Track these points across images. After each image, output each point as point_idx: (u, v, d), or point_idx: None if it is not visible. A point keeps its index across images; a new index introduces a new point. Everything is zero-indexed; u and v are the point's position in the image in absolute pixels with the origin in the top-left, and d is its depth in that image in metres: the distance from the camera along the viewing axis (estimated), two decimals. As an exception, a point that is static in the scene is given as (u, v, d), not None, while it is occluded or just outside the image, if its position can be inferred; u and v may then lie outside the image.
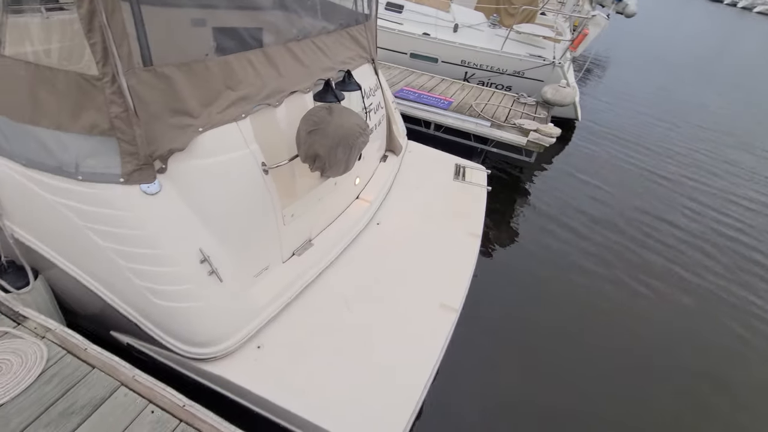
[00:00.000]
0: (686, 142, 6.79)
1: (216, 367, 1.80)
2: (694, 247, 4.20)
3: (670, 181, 5.45)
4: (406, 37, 6.48)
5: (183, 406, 1.41)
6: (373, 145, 3.22)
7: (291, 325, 2.06)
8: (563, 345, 2.99)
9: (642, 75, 11.61)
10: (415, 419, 1.84)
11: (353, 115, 1.98)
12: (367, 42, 3.11)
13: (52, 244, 1.78)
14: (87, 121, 1.54)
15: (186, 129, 1.68)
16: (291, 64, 2.22)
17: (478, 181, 3.63)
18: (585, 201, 4.69)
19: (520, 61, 6.03)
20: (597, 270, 3.75)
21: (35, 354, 1.50)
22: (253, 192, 1.98)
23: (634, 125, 7.30)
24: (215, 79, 1.77)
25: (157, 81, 1.55)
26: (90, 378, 1.46)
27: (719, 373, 2.93)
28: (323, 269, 2.42)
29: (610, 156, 5.98)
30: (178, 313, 1.73)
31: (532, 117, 4.87)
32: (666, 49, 16.76)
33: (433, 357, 2.05)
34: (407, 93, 5.06)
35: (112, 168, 1.59)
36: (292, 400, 1.71)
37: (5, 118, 1.65)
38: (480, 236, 3.00)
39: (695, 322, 3.34)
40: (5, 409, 1.34)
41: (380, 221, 3.00)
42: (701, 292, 3.66)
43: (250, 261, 2.05)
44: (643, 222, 4.47)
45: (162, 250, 1.67)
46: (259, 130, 2.00)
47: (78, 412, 1.36)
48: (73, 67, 1.50)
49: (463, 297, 2.47)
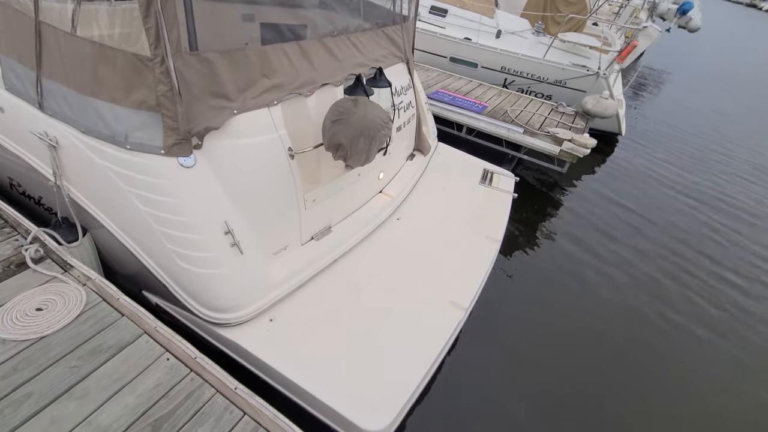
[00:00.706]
0: (739, 173, 6.29)
1: (230, 332, 1.94)
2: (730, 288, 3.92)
3: (704, 210, 5.08)
4: (446, 40, 6.52)
5: (195, 357, 1.56)
6: (400, 143, 3.30)
7: (304, 303, 2.17)
8: (552, 353, 2.92)
9: (699, 94, 10.93)
10: (414, 405, 1.90)
11: (377, 108, 2.07)
12: (403, 42, 3.20)
13: (99, 205, 2.00)
14: (138, 97, 1.73)
15: (222, 110, 1.84)
16: (325, 58, 2.35)
17: (505, 188, 3.62)
18: (613, 223, 4.51)
19: (563, 70, 5.90)
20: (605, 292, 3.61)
21: (76, 298, 1.71)
22: (279, 174, 2.12)
23: (682, 148, 6.89)
24: (252, 67, 1.92)
25: (201, 65, 1.72)
26: (119, 324, 1.65)
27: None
28: (340, 256, 2.52)
29: (651, 178, 5.69)
30: (200, 277, 1.89)
31: (568, 127, 4.77)
32: (730, 66, 15.66)
33: (437, 349, 2.09)
34: (442, 95, 5.10)
35: (155, 141, 1.77)
36: (295, 372, 1.81)
37: (72, 89, 1.88)
38: (499, 241, 3.00)
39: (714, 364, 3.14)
40: (48, 339, 1.55)
41: (401, 217, 3.06)
42: (726, 330, 3.40)
43: (270, 239, 2.19)
44: (665, 251, 4.21)
45: (191, 218, 1.83)
46: (289, 117, 2.14)
47: (106, 351, 1.54)
48: (131, 48, 1.69)
49: (473, 297, 2.49)
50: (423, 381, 1.98)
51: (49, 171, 2.04)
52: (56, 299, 1.69)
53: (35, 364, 1.45)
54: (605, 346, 3.05)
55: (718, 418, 2.68)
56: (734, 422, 2.67)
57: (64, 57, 1.86)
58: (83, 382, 1.42)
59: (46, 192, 2.20)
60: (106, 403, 1.38)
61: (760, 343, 3.32)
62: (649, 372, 2.91)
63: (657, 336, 3.21)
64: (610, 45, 6.21)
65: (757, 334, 3.39)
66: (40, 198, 2.41)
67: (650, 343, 3.14)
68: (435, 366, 2.10)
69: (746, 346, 3.25)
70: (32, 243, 1.93)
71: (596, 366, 2.88)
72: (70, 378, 1.43)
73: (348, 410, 1.71)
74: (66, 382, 1.42)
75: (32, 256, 1.85)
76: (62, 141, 1.96)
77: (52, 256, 1.91)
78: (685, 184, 5.73)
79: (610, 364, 2.91)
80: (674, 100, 9.97)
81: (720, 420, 2.67)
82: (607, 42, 6.32)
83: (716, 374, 2.99)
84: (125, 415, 1.36)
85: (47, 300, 1.68)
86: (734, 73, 14.68)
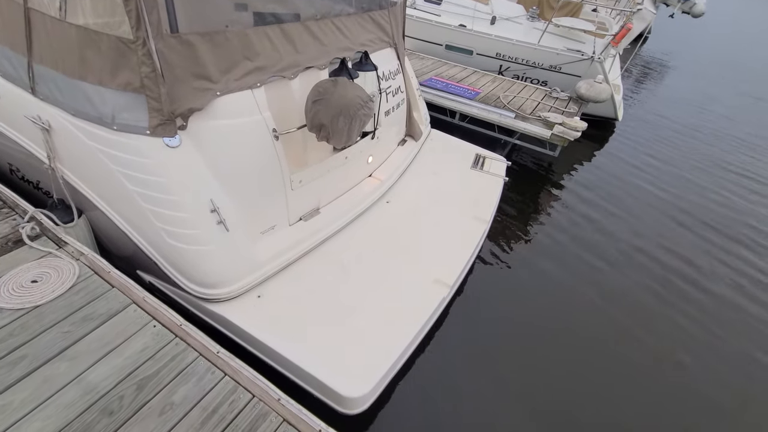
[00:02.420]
0: (735, 168, 6.16)
1: (219, 307, 2.02)
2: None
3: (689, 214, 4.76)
4: (441, 28, 6.52)
5: (180, 325, 1.65)
6: (390, 128, 3.35)
7: (292, 281, 2.25)
8: (526, 338, 2.95)
9: (700, 81, 10.79)
10: (396, 376, 1.97)
11: (356, 88, 2.12)
12: (391, 27, 3.23)
13: (91, 186, 2.08)
14: (123, 79, 1.80)
15: (205, 92, 1.91)
16: (308, 41, 2.40)
17: (497, 172, 3.66)
18: (606, 208, 4.51)
19: (557, 55, 5.88)
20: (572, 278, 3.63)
21: (69, 271, 1.80)
22: (264, 155, 2.19)
23: (676, 137, 6.80)
24: (234, 49, 1.99)
25: (182, 47, 1.78)
26: (109, 294, 1.74)
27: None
28: (328, 236, 2.59)
29: (647, 164, 5.66)
30: (188, 254, 1.97)
31: (561, 111, 4.78)
32: (734, 52, 15.39)
33: (419, 323, 2.16)
34: (435, 82, 5.13)
35: (141, 121, 1.84)
36: (280, 343, 1.89)
37: (61, 73, 1.95)
38: (487, 222, 3.06)
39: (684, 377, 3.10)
40: (42, 308, 1.65)
41: (390, 200, 3.13)
42: (693, 343, 3.11)
43: (257, 218, 2.26)
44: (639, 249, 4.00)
45: (177, 197, 1.91)
46: (273, 99, 2.20)
47: (96, 318, 1.63)
48: (114, 32, 1.76)
49: (458, 275, 2.55)
50: (404, 353, 2.06)
51: (43, 154, 2.13)
52: (50, 272, 1.78)
53: (30, 330, 1.55)
54: (583, 332, 3.10)
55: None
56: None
57: (53, 42, 1.94)
58: (74, 346, 1.52)
59: (43, 176, 2.30)
60: (95, 365, 1.47)
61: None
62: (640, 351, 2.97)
63: (636, 318, 3.26)
64: (606, 29, 6.17)
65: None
66: (38, 182, 2.50)
67: (630, 329, 3.19)
68: (417, 339, 2.18)
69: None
70: (29, 222, 2.02)
71: (587, 346, 2.94)
72: (62, 342, 1.53)
73: (329, 378, 1.80)
74: (58, 345, 1.52)
75: (29, 234, 1.95)
76: (54, 124, 2.04)
77: (47, 234, 2.01)
78: (677, 171, 5.71)
79: (598, 344, 2.97)
80: (674, 88, 9.86)
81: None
82: (603, 26, 6.28)
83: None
84: (113, 374, 1.45)
85: (42, 273, 1.78)
86: (740, 61, 14.42)
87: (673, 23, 19.61)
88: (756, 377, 2.88)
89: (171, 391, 1.43)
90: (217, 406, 1.42)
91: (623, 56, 8.19)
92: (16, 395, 1.35)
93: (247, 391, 1.47)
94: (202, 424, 1.36)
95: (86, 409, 1.34)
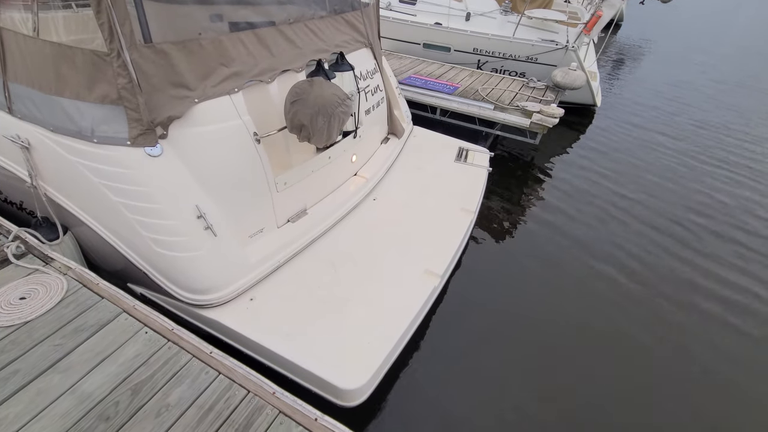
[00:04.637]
0: (710, 141, 6.36)
1: (211, 313, 2.04)
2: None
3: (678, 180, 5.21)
4: (418, 27, 6.61)
5: (171, 329, 1.66)
6: (372, 126, 3.39)
7: (283, 282, 2.27)
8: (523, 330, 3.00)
9: (670, 66, 11.04)
10: (390, 367, 2.00)
11: (333, 87, 2.16)
12: (365, 27, 3.28)
13: (75, 201, 2.09)
14: (100, 92, 1.82)
15: (183, 100, 1.93)
16: (283, 45, 2.44)
17: (481, 163, 3.72)
18: (591, 190, 4.62)
19: (532, 46, 6.00)
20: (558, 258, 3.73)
21: (57, 286, 1.81)
22: (246, 159, 2.21)
23: (656, 117, 7.00)
24: (209, 56, 2.01)
25: (157, 56, 1.81)
26: (99, 305, 1.75)
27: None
28: (317, 236, 2.62)
29: (629, 146, 5.79)
30: (177, 261, 1.98)
31: (538, 100, 4.87)
32: (703, 38, 15.77)
33: (411, 314, 2.20)
34: (414, 80, 5.19)
35: (121, 133, 1.86)
36: (276, 343, 1.91)
37: (37, 90, 1.97)
38: (473, 212, 3.11)
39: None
40: (32, 323, 1.65)
41: (377, 197, 3.17)
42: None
43: (244, 222, 2.28)
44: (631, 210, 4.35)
45: (162, 205, 1.92)
46: (252, 104, 2.23)
47: (87, 329, 1.64)
48: (89, 46, 1.78)
49: (447, 265, 2.60)
50: (399, 343, 2.09)
51: (24, 173, 2.13)
52: (38, 288, 1.79)
53: (21, 345, 1.56)
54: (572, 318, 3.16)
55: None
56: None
57: (28, 60, 1.95)
58: (67, 358, 1.53)
59: (26, 195, 2.29)
60: (89, 374, 1.48)
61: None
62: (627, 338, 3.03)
63: (618, 304, 3.33)
64: (578, 18, 6.31)
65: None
66: (21, 202, 2.50)
67: (612, 315, 3.26)
68: (412, 329, 2.21)
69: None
70: (13, 241, 2.02)
71: (577, 328, 3.00)
72: (54, 354, 1.54)
73: (326, 372, 1.82)
74: (50, 358, 1.53)
75: (14, 252, 1.95)
76: (34, 141, 2.05)
77: (33, 252, 2.01)
78: (664, 149, 5.85)
79: (587, 332, 3.03)
80: (649, 72, 10.08)
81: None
82: (575, 16, 6.41)
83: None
84: (107, 382, 1.46)
85: (30, 290, 1.78)
86: (713, 43, 14.79)
87: (645, 9, 20.05)
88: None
89: (166, 393, 1.45)
90: (212, 404, 1.43)
91: (597, 44, 8.37)
92: (11, 409, 1.36)
93: (242, 387, 1.49)
94: (198, 423, 1.37)
95: (82, 416, 1.35)
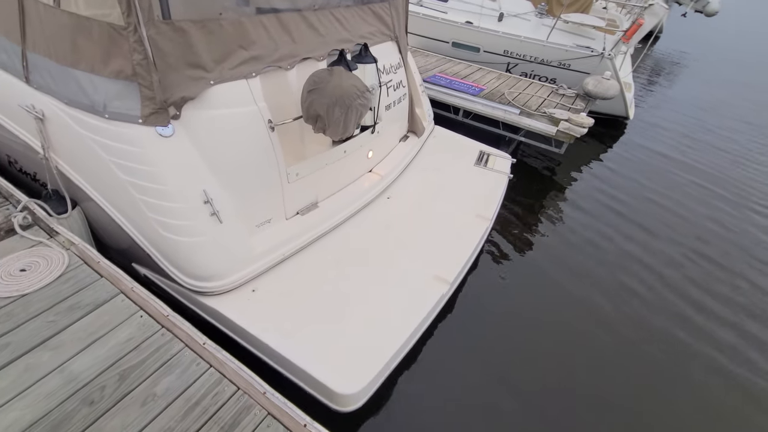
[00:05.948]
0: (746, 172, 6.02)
1: (212, 301, 1.99)
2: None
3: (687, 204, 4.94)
4: (448, 25, 6.45)
5: (167, 315, 1.61)
6: (391, 123, 3.30)
7: (288, 276, 2.20)
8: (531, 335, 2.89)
9: (713, 84, 10.55)
10: (393, 373, 1.91)
11: (352, 78, 2.08)
12: (392, 20, 3.18)
13: (84, 176, 2.07)
14: (115, 66, 1.78)
15: (199, 81, 1.88)
16: (306, 32, 2.36)
17: (501, 169, 3.59)
18: (614, 206, 4.42)
19: (566, 51, 5.78)
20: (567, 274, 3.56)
21: (59, 260, 1.78)
22: (259, 146, 2.15)
23: (688, 137, 6.66)
24: (228, 38, 1.95)
25: (174, 34, 1.75)
26: (97, 284, 1.72)
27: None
28: (326, 231, 2.55)
29: (658, 164, 5.52)
30: (180, 245, 1.94)
31: (567, 108, 4.68)
32: (749, 53, 15.05)
33: (416, 320, 2.10)
34: (439, 78, 5.06)
35: (133, 110, 1.82)
36: (274, 339, 1.84)
37: (54, 61, 1.94)
38: (490, 219, 2.99)
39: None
40: (29, 297, 1.63)
41: (391, 196, 3.08)
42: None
43: (252, 210, 2.22)
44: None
45: (169, 187, 1.88)
46: (269, 90, 2.16)
47: (82, 308, 1.61)
48: (106, 18, 1.74)
49: (459, 272, 2.49)
50: (401, 351, 2.00)
51: (38, 144, 2.12)
52: (40, 261, 1.76)
53: (15, 318, 1.53)
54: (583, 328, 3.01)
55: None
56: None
57: (46, 30, 1.93)
58: (59, 335, 1.49)
59: (39, 167, 2.29)
60: (78, 354, 1.44)
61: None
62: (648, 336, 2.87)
63: (637, 309, 3.16)
64: (616, 26, 6.05)
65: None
66: (35, 174, 2.50)
67: (633, 318, 3.09)
68: (415, 337, 2.11)
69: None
70: (22, 211, 2.01)
71: (594, 343, 2.86)
72: (46, 331, 1.50)
73: (322, 374, 1.75)
74: (42, 334, 1.49)
75: (20, 223, 1.93)
76: (48, 113, 2.03)
77: (39, 224, 2.00)
78: (694, 170, 5.56)
79: (603, 340, 2.88)
80: (686, 88, 9.65)
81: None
82: (613, 23, 6.16)
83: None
84: (96, 365, 1.42)
85: (31, 262, 1.76)
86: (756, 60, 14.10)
87: (686, 22, 19.26)
88: None
89: (154, 382, 1.40)
90: (200, 398, 1.38)
91: (634, 55, 8.04)
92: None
93: (232, 384, 1.42)
94: (183, 416, 1.32)
95: (67, 398, 1.31)
